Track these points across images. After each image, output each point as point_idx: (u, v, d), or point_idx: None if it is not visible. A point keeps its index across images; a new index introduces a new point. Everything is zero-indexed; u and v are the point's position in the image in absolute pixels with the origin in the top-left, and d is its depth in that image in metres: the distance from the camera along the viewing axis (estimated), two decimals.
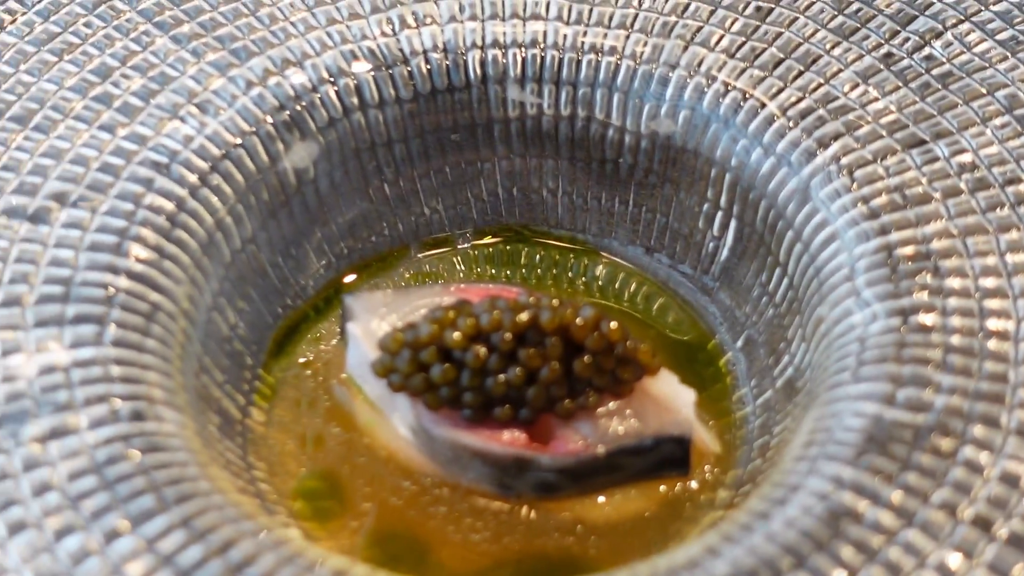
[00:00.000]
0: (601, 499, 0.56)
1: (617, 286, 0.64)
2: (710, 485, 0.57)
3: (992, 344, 0.53)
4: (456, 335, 0.54)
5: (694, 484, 0.57)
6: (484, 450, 0.55)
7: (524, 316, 0.54)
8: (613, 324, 0.55)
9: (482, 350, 0.54)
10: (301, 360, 0.60)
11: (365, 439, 0.57)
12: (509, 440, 0.55)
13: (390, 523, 0.55)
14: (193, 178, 0.58)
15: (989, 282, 0.55)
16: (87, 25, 0.62)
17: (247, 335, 0.60)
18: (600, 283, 0.64)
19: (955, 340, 0.53)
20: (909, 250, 0.56)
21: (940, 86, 0.61)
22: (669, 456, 0.56)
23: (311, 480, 0.57)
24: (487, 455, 0.55)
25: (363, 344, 0.57)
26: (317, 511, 0.56)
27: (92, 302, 0.54)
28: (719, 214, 0.62)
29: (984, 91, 0.60)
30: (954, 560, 0.48)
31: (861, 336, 0.54)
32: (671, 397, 0.56)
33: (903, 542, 0.48)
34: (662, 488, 0.56)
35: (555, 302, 0.55)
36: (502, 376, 0.54)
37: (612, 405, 0.56)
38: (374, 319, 0.58)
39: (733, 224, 0.62)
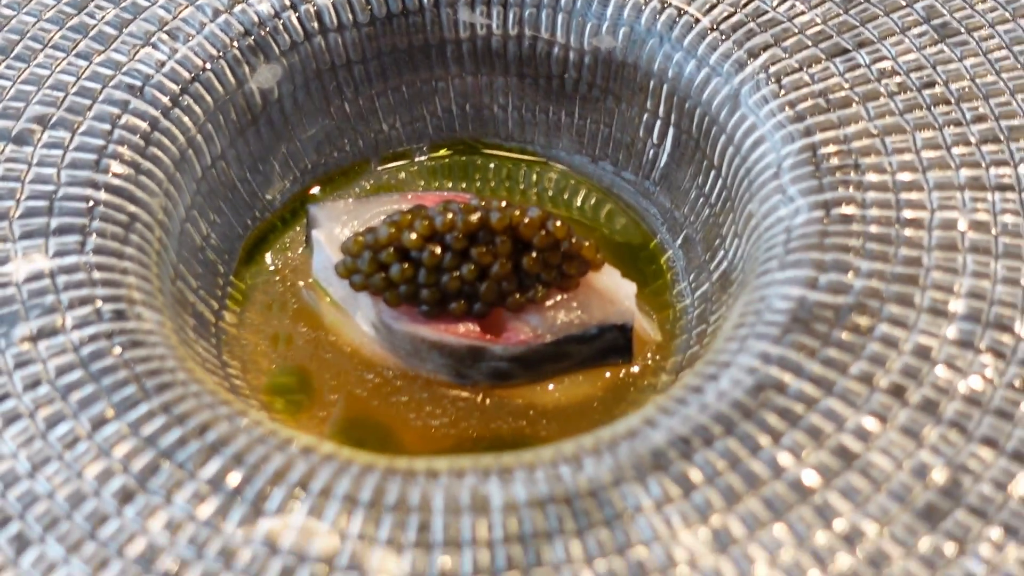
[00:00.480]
0: (551, 386, 0.60)
1: (565, 195, 0.68)
2: (652, 371, 0.61)
3: (908, 232, 0.57)
4: (412, 236, 0.58)
5: (636, 370, 0.61)
6: (441, 342, 0.59)
7: (475, 217, 0.58)
8: (558, 222, 0.58)
9: (437, 249, 0.58)
10: (270, 268, 0.64)
11: (331, 337, 0.61)
12: (464, 332, 0.59)
13: (356, 412, 0.59)
14: (165, 100, 0.62)
15: (906, 176, 0.59)
16: None
17: (219, 245, 0.64)
18: (549, 192, 0.68)
19: (873, 229, 0.57)
20: (832, 149, 0.60)
21: None
22: (612, 344, 0.60)
23: (281, 376, 0.61)
24: (444, 346, 0.59)
25: (327, 249, 0.61)
26: (288, 404, 0.60)
27: (74, 214, 0.58)
28: (658, 123, 0.66)
29: (903, 3, 0.64)
30: (870, 423, 0.52)
31: (787, 228, 0.58)
32: (614, 289, 0.60)
33: (824, 409, 0.52)
34: (607, 375, 0.60)
35: (504, 204, 0.59)
36: (456, 273, 0.58)
37: (559, 298, 0.60)
38: (337, 226, 0.62)
39: (671, 132, 0.66)
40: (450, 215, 0.58)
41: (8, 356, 0.54)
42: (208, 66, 0.63)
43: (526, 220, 0.58)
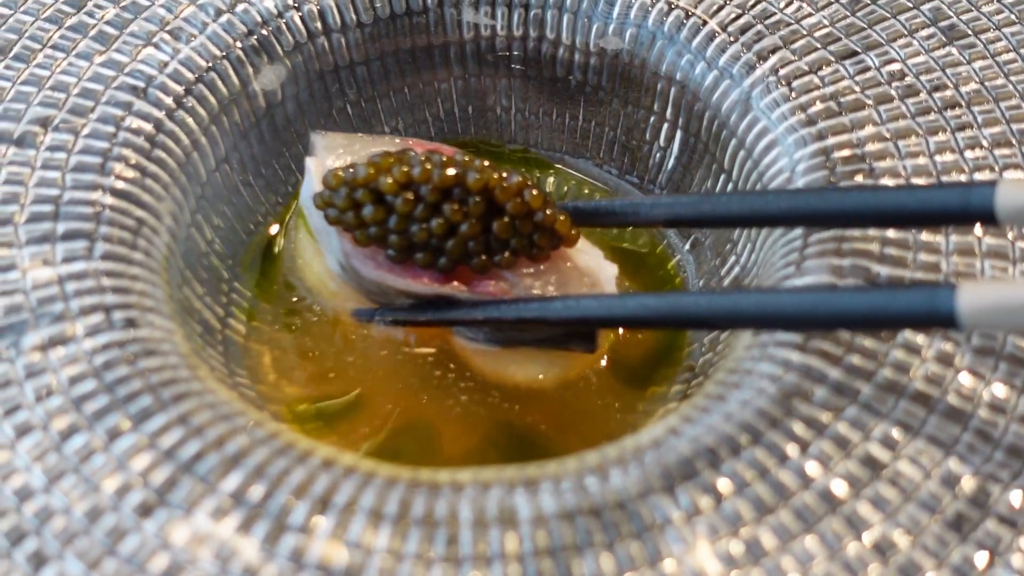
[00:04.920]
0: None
1: (570, 197, 0.67)
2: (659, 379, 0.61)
3: (924, 236, 0.57)
4: (389, 181, 0.57)
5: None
6: (407, 290, 0.58)
7: (451, 172, 0.57)
8: (535, 191, 0.57)
9: (410, 197, 0.57)
10: (274, 272, 0.63)
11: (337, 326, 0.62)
12: (427, 281, 0.58)
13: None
14: (169, 101, 0.61)
15: (920, 181, 0.58)
16: None
17: (223, 250, 0.62)
18: (553, 193, 0.67)
19: (890, 233, 0.57)
20: (845, 153, 0.59)
21: (869, 1, 0.64)
22: (577, 329, 0.59)
23: (292, 387, 0.60)
24: (410, 293, 0.58)
25: (314, 179, 0.60)
26: (300, 416, 0.59)
27: (81, 219, 0.57)
28: (665, 126, 0.66)
29: (910, 4, 0.64)
30: (896, 432, 0.52)
31: (804, 233, 0.58)
32: (594, 270, 0.59)
33: (850, 417, 0.52)
34: (614, 382, 0.60)
35: (487, 164, 0.58)
36: (425, 224, 0.57)
37: (542, 267, 0.59)
38: (330, 157, 0.60)
39: (679, 135, 0.66)
40: (429, 166, 0.57)
41: (19, 366, 0.53)
42: (211, 66, 0.62)
43: (503, 185, 0.57)
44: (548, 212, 0.58)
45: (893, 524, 0.49)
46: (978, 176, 0.58)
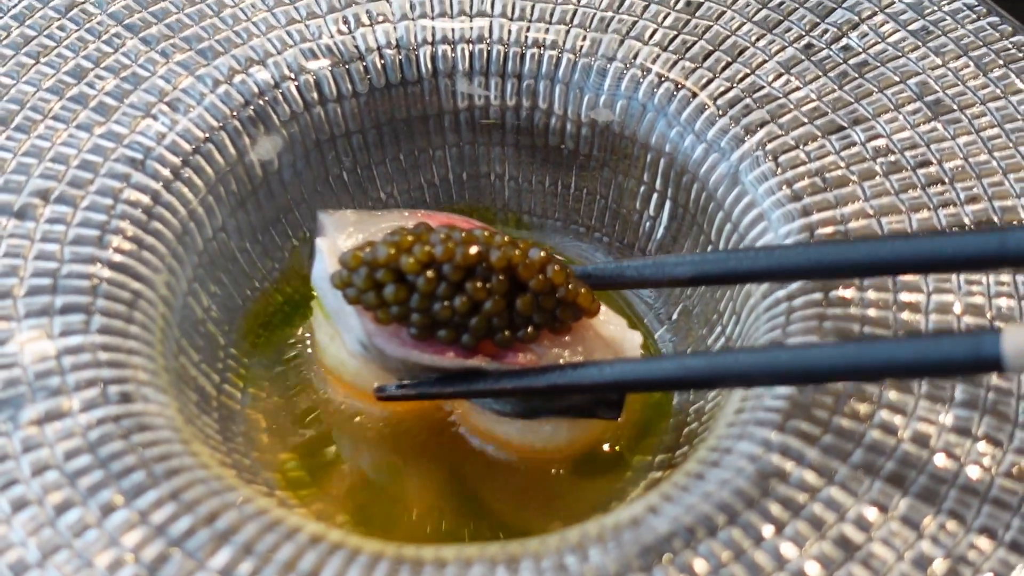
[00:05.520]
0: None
1: None
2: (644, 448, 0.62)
3: (905, 315, 0.58)
4: (410, 260, 0.57)
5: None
6: (432, 365, 0.58)
7: (474, 250, 0.57)
8: (557, 267, 0.58)
9: (432, 277, 0.57)
10: (272, 340, 0.65)
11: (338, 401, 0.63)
12: (454, 356, 0.58)
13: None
14: (167, 172, 0.62)
15: None
16: (61, 28, 0.66)
17: (219, 316, 0.64)
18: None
19: (872, 312, 0.58)
20: (829, 229, 0.60)
21: (856, 75, 0.65)
22: (604, 396, 0.59)
23: (286, 453, 0.61)
24: (437, 368, 0.59)
25: (327, 259, 0.60)
26: (293, 482, 0.60)
27: (78, 292, 0.58)
28: (654, 196, 0.67)
29: (897, 79, 0.65)
30: (871, 513, 0.53)
31: (787, 309, 0.59)
32: (619, 340, 0.60)
33: (825, 498, 0.53)
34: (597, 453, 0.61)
35: (506, 239, 0.58)
36: (448, 303, 0.57)
37: (567, 338, 0.59)
38: (341, 236, 0.61)
39: (668, 205, 0.67)
40: (451, 244, 0.57)
41: (15, 440, 0.54)
42: (208, 137, 0.63)
43: (526, 261, 0.58)
44: (570, 287, 0.58)
45: None
46: None
